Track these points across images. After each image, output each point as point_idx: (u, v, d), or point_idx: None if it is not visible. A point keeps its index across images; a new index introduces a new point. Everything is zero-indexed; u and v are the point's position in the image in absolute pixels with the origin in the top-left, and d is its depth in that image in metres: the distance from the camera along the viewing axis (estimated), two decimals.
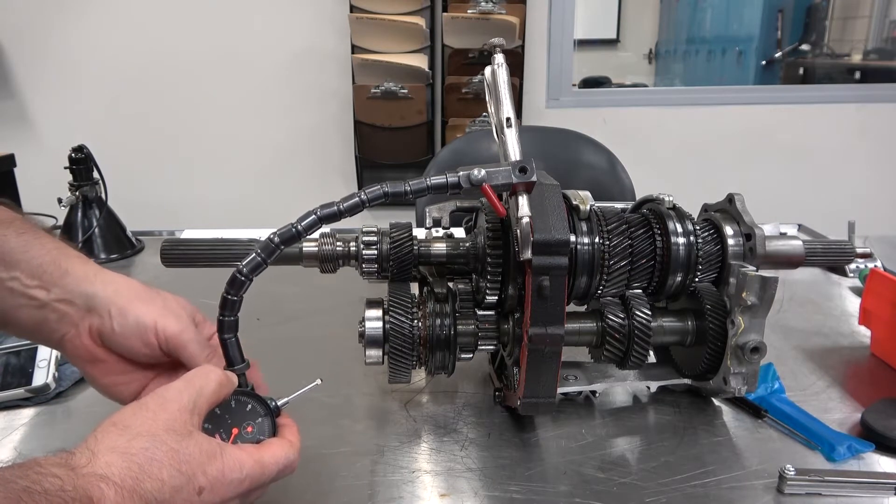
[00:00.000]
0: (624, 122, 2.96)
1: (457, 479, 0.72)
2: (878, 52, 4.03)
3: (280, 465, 0.58)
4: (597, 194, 0.82)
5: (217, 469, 0.53)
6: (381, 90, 2.72)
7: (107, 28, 2.77)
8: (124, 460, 0.49)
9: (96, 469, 0.47)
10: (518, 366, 0.74)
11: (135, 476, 0.48)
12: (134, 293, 0.66)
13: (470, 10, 2.65)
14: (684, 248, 0.79)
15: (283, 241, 0.59)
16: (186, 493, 0.51)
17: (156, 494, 0.49)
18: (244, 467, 0.55)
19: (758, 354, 0.74)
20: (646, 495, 0.69)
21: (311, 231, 0.60)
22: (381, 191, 0.61)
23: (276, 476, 0.58)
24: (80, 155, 1.40)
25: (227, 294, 0.60)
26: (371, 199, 0.61)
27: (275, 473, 0.57)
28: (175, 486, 0.50)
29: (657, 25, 5.60)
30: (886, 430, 0.77)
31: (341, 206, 0.60)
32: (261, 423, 0.61)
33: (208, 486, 0.52)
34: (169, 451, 0.51)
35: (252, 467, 0.55)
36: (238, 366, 0.63)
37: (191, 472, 0.51)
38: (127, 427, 0.52)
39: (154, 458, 0.50)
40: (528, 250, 0.64)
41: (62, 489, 0.44)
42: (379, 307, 0.76)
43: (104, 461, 0.48)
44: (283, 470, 0.58)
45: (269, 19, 2.80)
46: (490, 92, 0.75)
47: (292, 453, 0.60)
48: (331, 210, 0.60)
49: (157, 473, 0.50)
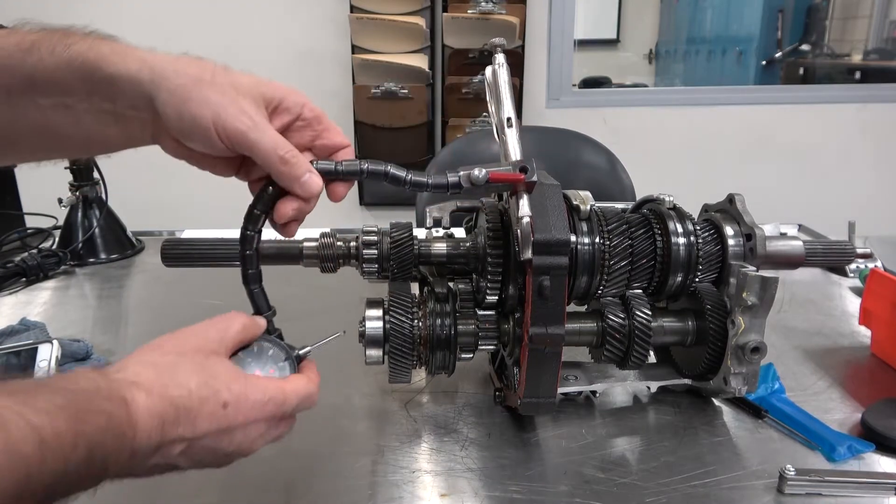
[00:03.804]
0: (624, 122, 2.96)
1: (457, 479, 0.72)
2: (879, 52, 4.03)
3: (301, 395, 0.59)
4: (597, 194, 0.82)
5: (241, 387, 0.55)
6: (381, 90, 2.72)
7: (107, 27, 2.76)
8: (153, 370, 0.52)
9: (127, 376, 0.50)
10: (518, 366, 0.74)
11: (163, 384, 0.51)
12: (193, 79, 0.58)
13: (470, 10, 2.65)
14: (685, 248, 0.79)
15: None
16: (212, 406, 0.53)
17: (184, 401, 0.51)
18: (267, 390, 0.56)
19: (758, 354, 0.74)
20: (646, 495, 0.69)
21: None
22: (383, 169, 0.62)
23: (297, 406, 0.59)
24: None
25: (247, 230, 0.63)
26: (371, 171, 0.62)
27: (296, 403, 0.59)
28: (201, 396, 0.52)
29: (657, 25, 5.61)
30: (887, 430, 0.77)
31: (340, 165, 0.62)
32: (282, 366, 0.62)
33: (233, 402, 0.54)
34: (196, 366, 0.54)
35: (275, 391, 0.57)
36: (265, 313, 0.65)
37: (216, 387, 0.53)
38: (157, 347, 0.55)
39: (181, 370, 0.53)
40: (529, 250, 0.64)
41: (97, 388, 0.47)
42: (379, 307, 0.76)
43: (134, 370, 0.51)
44: (303, 401, 0.60)
45: (270, 19, 2.80)
46: (490, 92, 0.75)
47: (312, 387, 0.61)
48: (328, 166, 0.62)
49: (185, 383, 0.52)
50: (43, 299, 1.23)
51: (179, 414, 0.51)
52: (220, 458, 0.56)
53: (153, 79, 0.58)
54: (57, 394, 0.44)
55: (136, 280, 1.36)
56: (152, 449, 0.50)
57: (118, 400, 0.47)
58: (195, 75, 0.58)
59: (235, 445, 0.55)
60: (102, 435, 0.45)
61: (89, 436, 0.44)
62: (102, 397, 0.47)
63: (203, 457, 0.55)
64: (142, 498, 0.70)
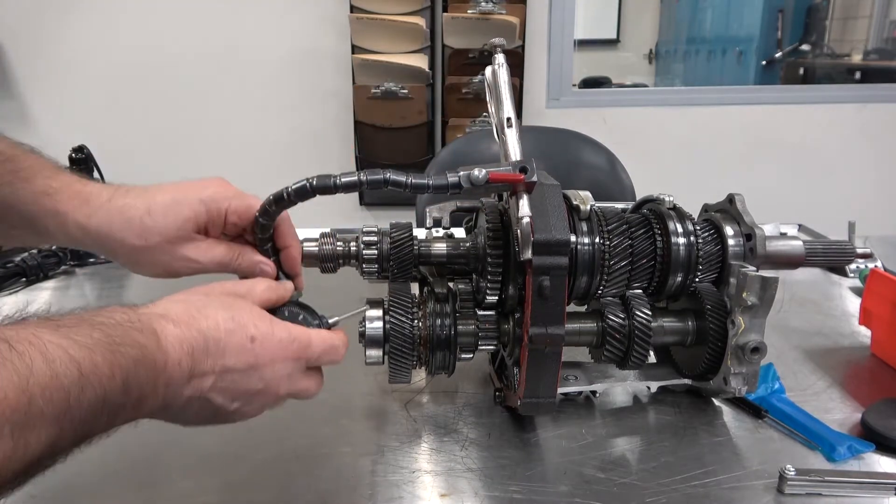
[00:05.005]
0: (624, 122, 2.96)
1: (457, 480, 0.72)
2: (879, 52, 4.03)
3: (326, 343, 0.62)
4: (597, 194, 0.82)
5: (267, 325, 0.58)
6: (381, 90, 2.72)
7: (107, 28, 2.77)
8: (181, 305, 0.55)
9: (156, 310, 0.54)
10: (518, 366, 0.74)
11: (191, 315, 0.54)
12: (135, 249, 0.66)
13: (470, 11, 2.64)
14: (685, 248, 0.79)
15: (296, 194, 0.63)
16: (239, 338, 0.56)
17: (212, 332, 0.54)
18: (292, 332, 0.59)
19: (758, 354, 0.74)
20: (646, 495, 0.69)
21: (301, 192, 0.63)
22: (382, 177, 0.62)
23: (322, 355, 0.62)
24: (81, 155, 1.39)
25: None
26: (370, 181, 0.62)
27: (321, 350, 0.61)
28: (229, 328, 0.55)
29: (657, 25, 5.60)
30: (887, 430, 0.77)
31: (338, 179, 0.62)
32: (313, 325, 0.65)
33: (259, 338, 0.56)
34: (223, 303, 0.57)
35: (300, 334, 0.60)
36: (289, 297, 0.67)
37: (243, 322, 0.56)
38: (185, 292, 0.59)
39: (209, 305, 0.56)
40: (529, 250, 0.64)
41: (130, 321, 0.50)
42: (379, 307, 0.76)
43: (163, 306, 0.55)
44: (328, 350, 0.62)
45: (269, 19, 2.79)
46: (490, 92, 0.75)
47: (338, 341, 0.64)
48: (326, 182, 0.62)
49: (213, 315, 0.55)
50: (43, 299, 1.23)
51: (209, 344, 0.54)
52: (252, 398, 0.58)
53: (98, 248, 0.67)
54: (95, 328, 0.47)
55: (136, 280, 1.35)
56: (185, 378, 0.53)
57: (149, 331, 0.51)
58: (133, 246, 0.65)
59: (265, 383, 0.58)
60: (136, 366, 0.48)
61: (125, 367, 0.47)
62: (136, 329, 0.50)
63: (235, 393, 0.57)
64: (142, 498, 0.70)
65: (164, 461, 0.74)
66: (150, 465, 0.74)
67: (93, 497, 0.69)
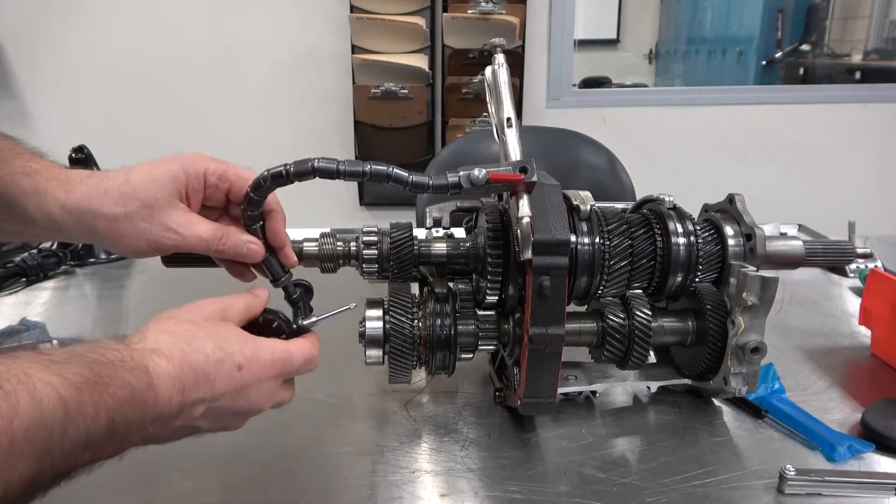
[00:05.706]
0: (624, 122, 2.96)
1: (457, 480, 0.72)
2: (879, 52, 4.03)
3: (304, 355, 0.63)
4: (597, 194, 0.82)
5: (252, 349, 0.59)
6: (381, 90, 2.72)
7: (107, 28, 2.77)
8: (171, 338, 0.56)
9: (148, 345, 0.54)
10: (518, 366, 0.74)
11: (182, 349, 0.55)
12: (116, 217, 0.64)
13: (470, 11, 2.64)
14: (685, 248, 0.79)
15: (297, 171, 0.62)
16: (227, 368, 0.57)
17: (202, 365, 0.55)
18: (274, 351, 0.61)
19: (758, 354, 0.74)
20: (646, 495, 0.69)
21: (301, 172, 0.62)
22: (386, 171, 0.62)
23: (301, 367, 0.63)
24: (81, 155, 1.39)
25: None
26: (374, 172, 0.61)
27: (300, 363, 0.63)
28: (217, 359, 0.56)
29: (657, 25, 5.60)
30: (887, 430, 0.77)
31: (342, 166, 0.61)
32: (285, 338, 0.65)
33: (246, 364, 0.58)
34: (209, 332, 0.57)
35: (280, 351, 0.61)
36: (281, 279, 0.69)
37: (229, 350, 0.57)
38: (170, 317, 0.59)
39: (197, 336, 0.56)
40: (529, 250, 0.64)
41: (122, 360, 0.50)
42: (379, 307, 0.76)
43: (154, 339, 0.55)
44: (306, 362, 0.64)
45: (269, 19, 2.79)
46: (490, 92, 0.75)
47: (314, 350, 0.65)
48: (330, 166, 0.61)
49: (201, 348, 0.56)
50: (43, 299, 1.23)
51: (199, 377, 0.54)
52: (236, 417, 0.61)
53: (79, 227, 0.65)
54: (86, 366, 0.47)
55: (136, 280, 1.36)
56: (175, 412, 0.54)
57: (141, 370, 0.51)
58: (113, 215, 0.64)
59: (249, 404, 0.60)
60: (123, 406, 0.48)
61: (111, 408, 0.47)
62: (126, 369, 0.50)
63: (221, 417, 0.59)
64: (142, 498, 0.70)
65: (164, 461, 0.74)
66: (150, 465, 0.74)
67: (93, 497, 0.69)
